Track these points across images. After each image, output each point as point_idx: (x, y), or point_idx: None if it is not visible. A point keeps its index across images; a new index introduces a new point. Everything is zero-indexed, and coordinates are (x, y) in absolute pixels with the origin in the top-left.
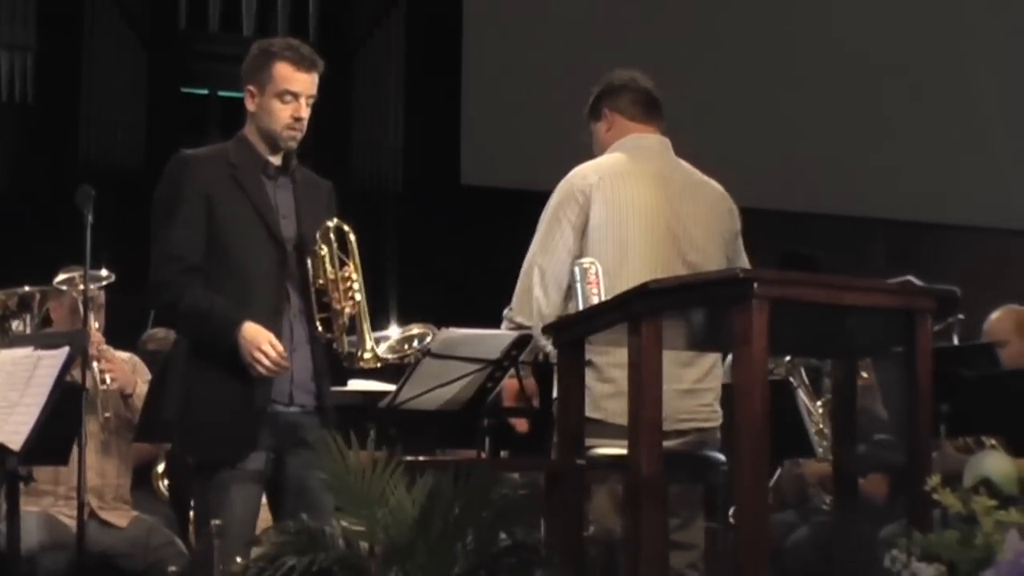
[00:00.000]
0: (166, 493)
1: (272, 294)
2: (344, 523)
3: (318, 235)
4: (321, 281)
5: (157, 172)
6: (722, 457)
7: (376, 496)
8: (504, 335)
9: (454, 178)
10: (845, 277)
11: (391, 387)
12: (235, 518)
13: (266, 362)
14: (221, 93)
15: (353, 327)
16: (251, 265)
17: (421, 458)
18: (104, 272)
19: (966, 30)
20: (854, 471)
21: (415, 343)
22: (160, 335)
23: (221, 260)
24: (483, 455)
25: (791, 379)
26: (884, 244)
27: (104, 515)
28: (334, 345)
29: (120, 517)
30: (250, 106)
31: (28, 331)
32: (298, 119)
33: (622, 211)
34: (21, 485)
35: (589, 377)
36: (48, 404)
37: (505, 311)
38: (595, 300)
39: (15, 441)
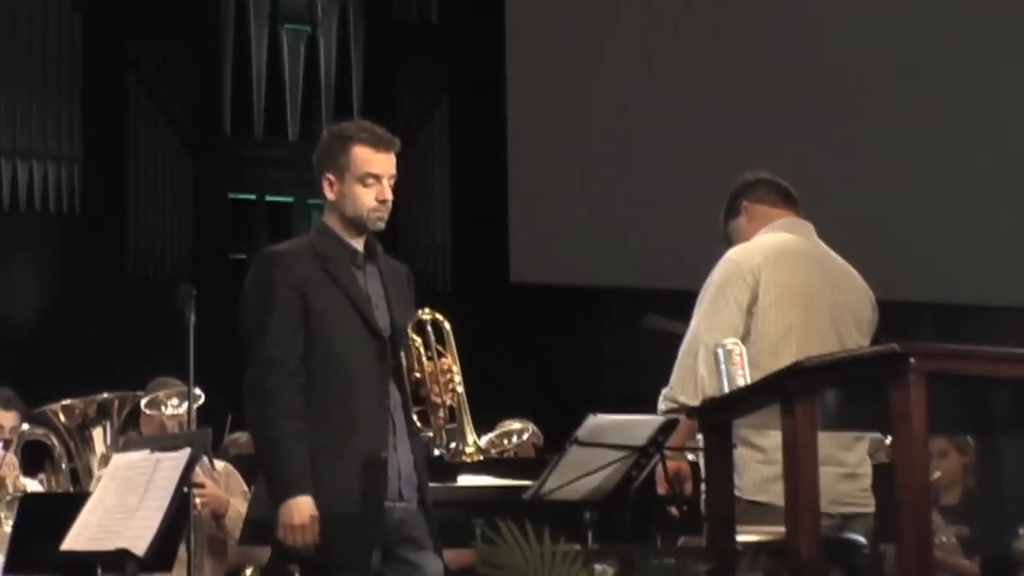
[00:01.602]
0: None
1: (375, 388)
2: None
3: (410, 326)
4: (418, 374)
5: (205, 279)
6: (863, 540)
7: None
8: (650, 420)
9: (503, 276)
10: (999, 349)
11: (501, 481)
12: None
13: (300, 542)
14: (269, 198)
15: (451, 420)
16: (352, 359)
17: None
18: (198, 391)
19: (1010, 117)
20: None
21: (514, 438)
22: (243, 440)
23: (321, 357)
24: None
25: None
26: (933, 327)
27: None
28: (433, 439)
29: None
30: (330, 195)
31: (108, 439)
32: (383, 201)
33: (786, 293)
34: None
35: (752, 460)
36: (171, 508)
37: (664, 391)
38: (740, 382)
39: (138, 546)
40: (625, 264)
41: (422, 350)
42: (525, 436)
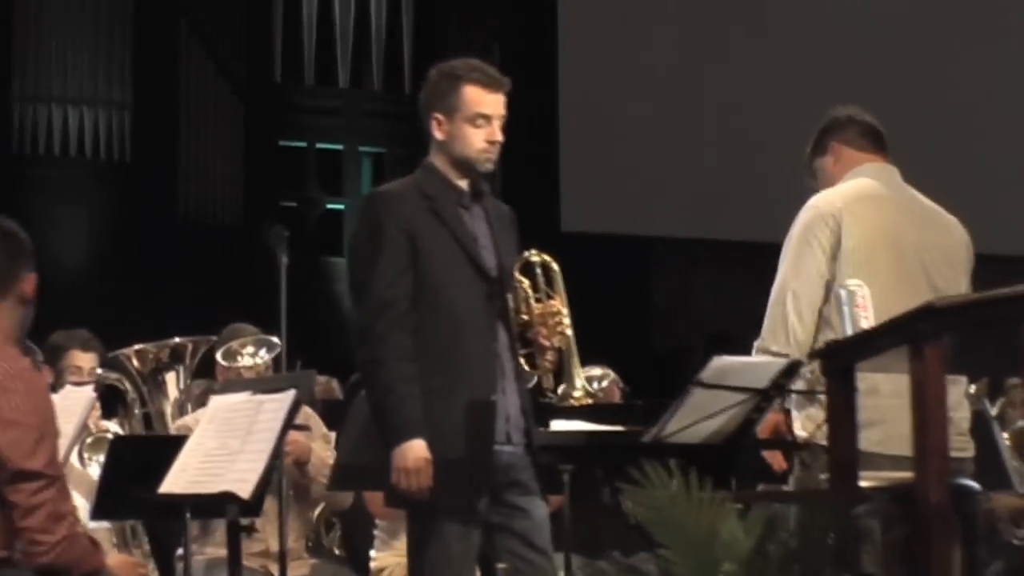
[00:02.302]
0: (335, 548)
1: (484, 330)
2: (661, 560)
3: (516, 267)
4: (525, 316)
5: (255, 226)
6: (977, 486)
7: (705, 530)
8: (773, 362)
9: (554, 225)
10: None
11: (599, 427)
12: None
13: (413, 486)
14: (319, 145)
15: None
16: (461, 301)
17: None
18: (275, 340)
19: None
20: None
21: (594, 384)
22: (321, 382)
23: (430, 298)
24: None
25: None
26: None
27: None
28: (540, 382)
29: (300, 566)
30: (438, 134)
31: (181, 384)
32: (493, 142)
33: (871, 238)
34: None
35: None
36: (276, 451)
37: (756, 342)
38: (864, 324)
39: (244, 489)
40: (675, 214)
41: (530, 292)
42: (605, 383)
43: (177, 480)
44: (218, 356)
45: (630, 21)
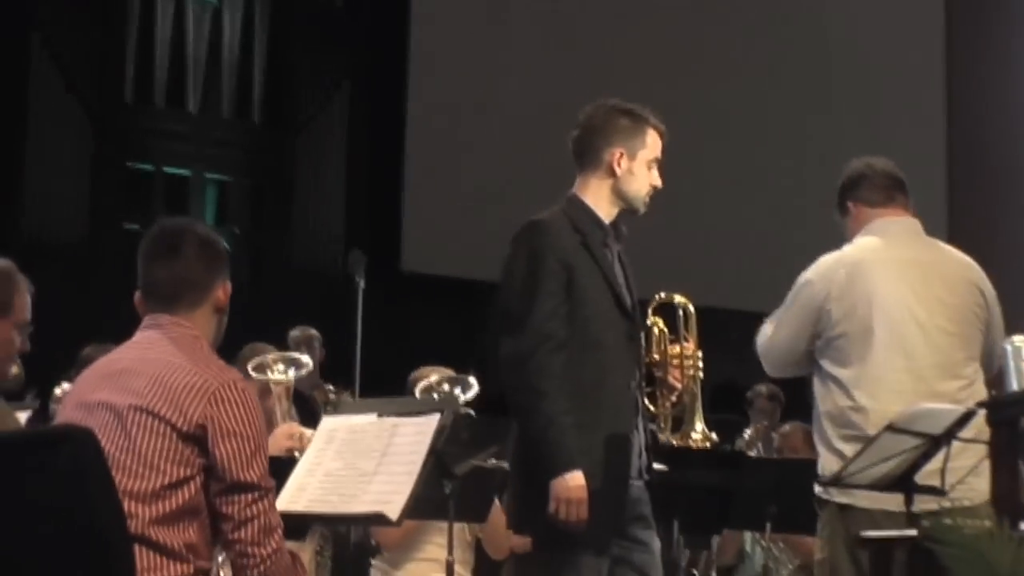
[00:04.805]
0: None
1: (626, 369)
2: None
3: (650, 308)
4: (657, 356)
5: (99, 246)
6: None
7: (1009, 567)
8: (951, 410)
9: (394, 265)
10: None
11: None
12: None
13: (572, 516)
14: (167, 169)
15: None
16: (607, 338)
17: None
18: (306, 358)
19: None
20: None
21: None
22: None
23: (580, 333)
24: None
25: None
26: None
27: None
28: (658, 421)
29: None
30: (616, 169)
31: None
32: (656, 188)
33: (862, 322)
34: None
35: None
36: (423, 473)
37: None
38: None
39: (391, 510)
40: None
41: (665, 332)
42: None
43: (296, 499)
44: (249, 368)
45: (481, 59)
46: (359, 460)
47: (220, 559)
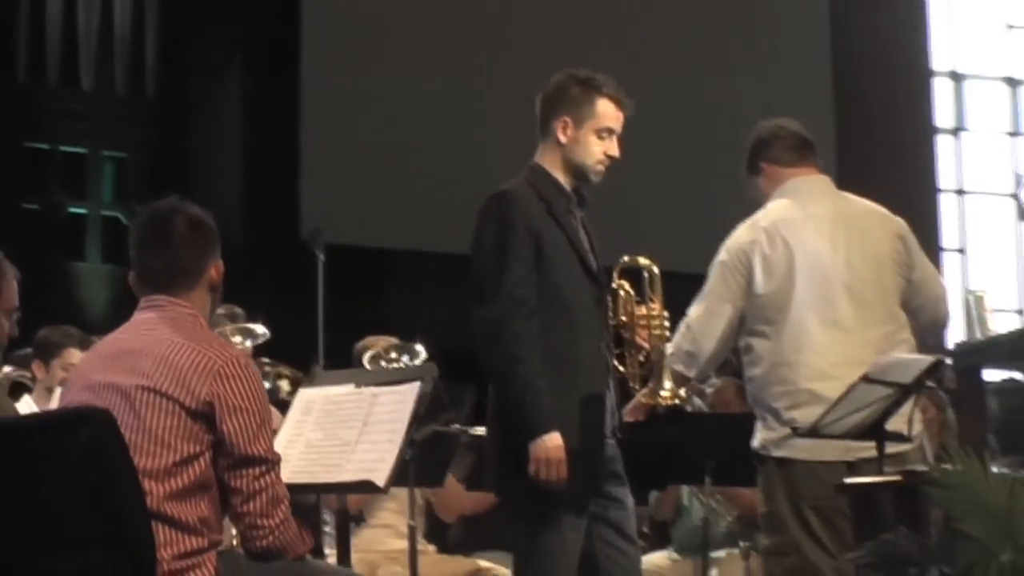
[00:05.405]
0: None
1: (595, 331)
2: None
3: (616, 271)
4: (624, 317)
5: None
6: None
7: (1004, 506)
8: (921, 359)
9: (293, 234)
10: None
11: None
12: (572, 567)
13: (553, 476)
14: (63, 148)
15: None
16: (576, 302)
17: None
18: (260, 328)
19: None
20: None
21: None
22: None
23: (549, 299)
24: None
25: None
26: None
27: None
28: (629, 380)
29: None
30: (561, 137)
31: None
32: (611, 156)
33: (783, 280)
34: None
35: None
36: (406, 439)
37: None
38: (991, 327)
39: (379, 477)
40: (411, 227)
41: (632, 294)
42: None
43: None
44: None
45: (376, 31)
46: (340, 430)
47: (233, 532)
